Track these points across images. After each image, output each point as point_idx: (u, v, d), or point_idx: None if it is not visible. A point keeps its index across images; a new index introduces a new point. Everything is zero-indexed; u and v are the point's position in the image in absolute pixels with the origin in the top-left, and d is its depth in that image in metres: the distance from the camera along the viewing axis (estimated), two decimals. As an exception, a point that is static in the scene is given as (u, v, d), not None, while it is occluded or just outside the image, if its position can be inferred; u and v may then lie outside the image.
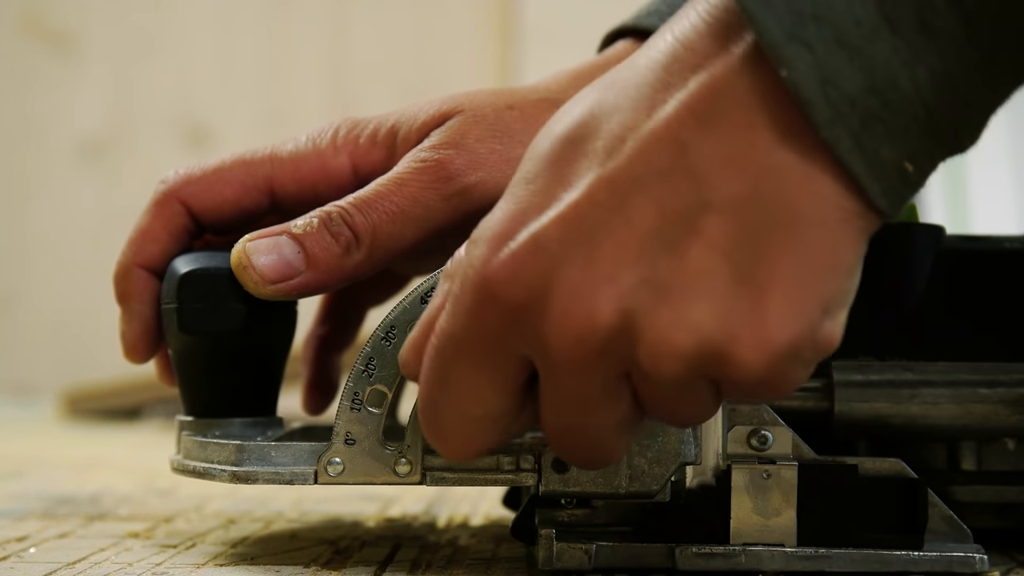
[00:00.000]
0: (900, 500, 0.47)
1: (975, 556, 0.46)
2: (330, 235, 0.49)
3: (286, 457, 0.47)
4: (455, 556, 0.51)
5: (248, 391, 0.51)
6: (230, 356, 0.50)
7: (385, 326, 0.46)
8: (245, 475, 0.48)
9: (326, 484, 0.47)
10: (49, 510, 0.64)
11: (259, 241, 0.49)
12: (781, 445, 0.47)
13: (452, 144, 0.51)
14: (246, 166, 0.53)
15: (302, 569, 0.48)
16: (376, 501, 0.68)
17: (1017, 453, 0.52)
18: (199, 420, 0.51)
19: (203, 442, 0.50)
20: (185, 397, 0.52)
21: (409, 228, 0.50)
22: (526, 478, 0.47)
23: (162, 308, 0.51)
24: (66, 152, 1.86)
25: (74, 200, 1.85)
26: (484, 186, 0.51)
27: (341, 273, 0.49)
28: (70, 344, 1.84)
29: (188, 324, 0.50)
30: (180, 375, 0.52)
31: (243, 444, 0.48)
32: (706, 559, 0.46)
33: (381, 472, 0.47)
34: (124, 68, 1.86)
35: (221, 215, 0.53)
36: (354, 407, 0.46)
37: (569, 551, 0.46)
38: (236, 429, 0.51)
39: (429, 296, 0.46)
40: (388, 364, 0.46)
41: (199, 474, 0.49)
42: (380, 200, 0.50)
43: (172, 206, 0.53)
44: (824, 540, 0.47)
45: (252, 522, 0.60)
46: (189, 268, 0.50)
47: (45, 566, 0.49)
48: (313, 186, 0.53)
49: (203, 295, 0.50)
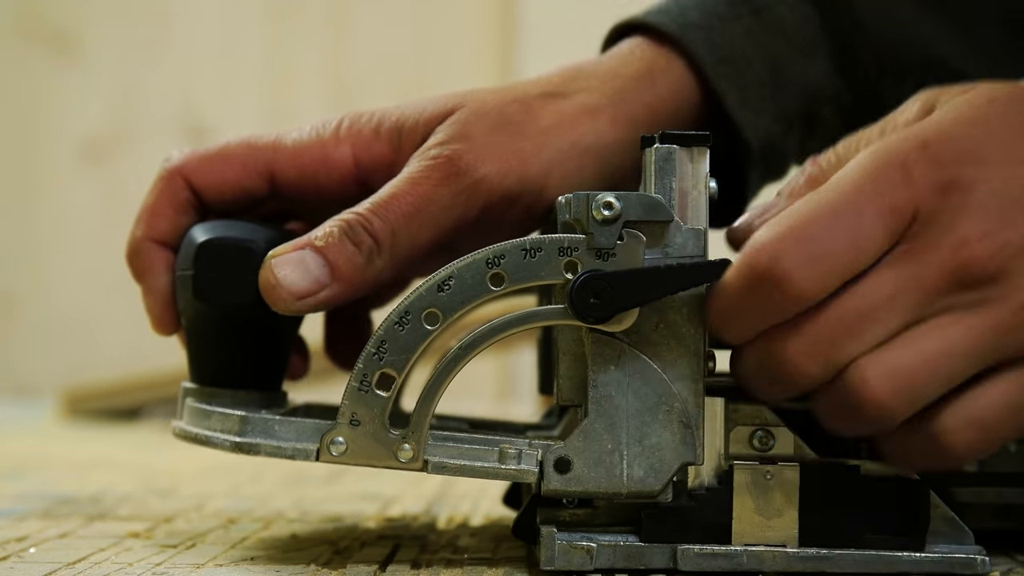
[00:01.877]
0: (902, 501, 0.47)
1: (977, 557, 0.46)
2: (352, 244, 0.49)
3: (289, 432, 0.47)
4: (455, 556, 0.51)
5: (255, 364, 0.52)
6: (241, 327, 0.51)
7: (400, 311, 0.46)
8: (247, 446, 0.48)
9: (327, 463, 0.47)
10: (49, 510, 0.64)
11: (284, 257, 0.49)
12: (783, 446, 0.47)
13: (460, 138, 0.51)
14: (249, 149, 0.53)
15: (302, 569, 0.48)
16: (376, 501, 0.68)
17: (1018, 455, 0.52)
18: (204, 388, 0.51)
19: (207, 410, 0.50)
20: (192, 364, 0.52)
21: (426, 227, 0.50)
22: (527, 475, 0.46)
23: (177, 274, 0.52)
24: (67, 153, 1.86)
25: (75, 201, 1.85)
26: (492, 180, 0.51)
27: (365, 281, 0.49)
28: (70, 344, 1.83)
29: (202, 292, 0.50)
30: (189, 342, 0.52)
31: (247, 415, 0.48)
32: (708, 559, 0.46)
33: (383, 456, 0.47)
34: (126, 69, 1.86)
35: (222, 195, 0.53)
36: (362, 388, 0.46)
37: (570, 551, 0.46)
38: (241, 400, 0.51)
39: (447, 284, 0.46)
40: (399, 348, 0.46)
41: (201, 441, 0.49)
42: (396, 202, 0.50)
43: (176, 182, 0.53)
44: (826, 541, 0.46)
45: (252, 522, 0.60)
46: (207, 237, 0.50)
47: (45, 566, 0.49)
48: (314, 175, 0.53)
49: (219, 265, 0.50)
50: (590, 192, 0.46)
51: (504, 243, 0.46)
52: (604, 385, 0.46)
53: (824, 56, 0.58)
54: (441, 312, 0.46)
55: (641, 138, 0.48)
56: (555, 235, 0.46)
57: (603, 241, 0.46)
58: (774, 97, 0.57)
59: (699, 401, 0.46)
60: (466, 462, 0.47)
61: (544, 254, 0.46)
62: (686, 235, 0.46)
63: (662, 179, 0.46)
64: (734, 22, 0.57)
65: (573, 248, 0.46)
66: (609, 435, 0.46)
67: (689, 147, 0.47)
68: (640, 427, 0.46)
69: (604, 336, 0.46)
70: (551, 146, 0.53)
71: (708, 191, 0.47)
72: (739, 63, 0.57)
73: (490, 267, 0.46)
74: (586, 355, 0.46)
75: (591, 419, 0.46)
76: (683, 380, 0.46)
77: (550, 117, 0.53)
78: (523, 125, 0.53)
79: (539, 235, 0.47)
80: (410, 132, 0.52)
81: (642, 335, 0.46)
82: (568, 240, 0.46)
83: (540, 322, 0.47)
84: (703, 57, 0.56)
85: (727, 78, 0.56)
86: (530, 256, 0.46)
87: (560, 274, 0.46)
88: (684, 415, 0.46)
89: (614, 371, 0.46)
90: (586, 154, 0.53)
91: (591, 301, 0.45)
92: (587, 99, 0.54)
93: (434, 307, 0.46)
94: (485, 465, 0.47)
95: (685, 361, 0.46)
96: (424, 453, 0.46)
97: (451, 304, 0.46)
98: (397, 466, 0.47)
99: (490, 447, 0.47)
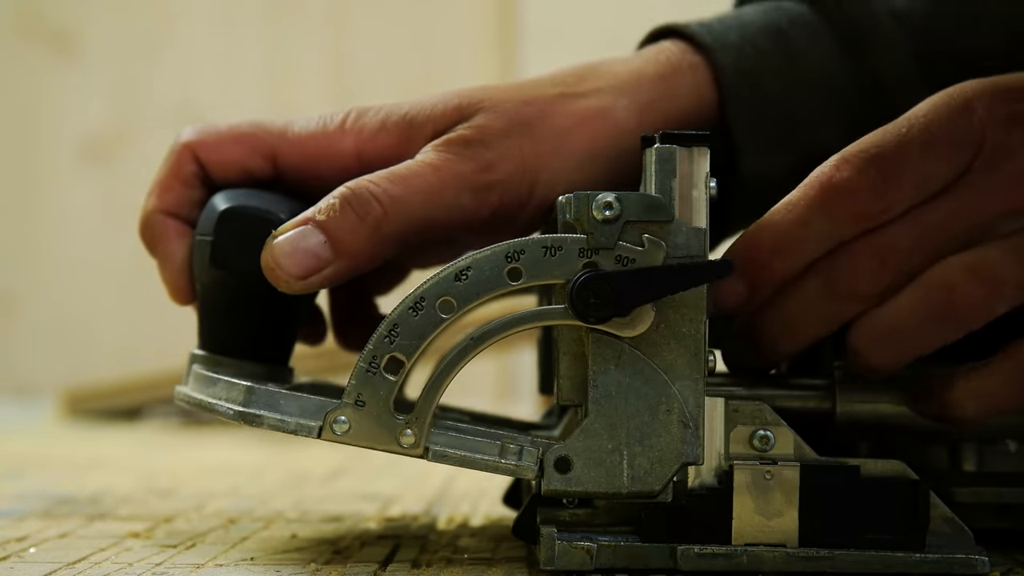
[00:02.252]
0: (902, 501, 0.47)
1: (976, 558, 0.46)
2: (355, 215, 0.49)
3: (294, 407, 0.47)
4: (455, 556, 0.51)
5: (265, 336, 0.52)
6: (253, 298, 0.51)
7: (415, 296, 0.46)
8: (251, 416, 0.48)
9: (328, 441, 0.47)
10: (49, 510, 0.64)
11: (284, 237, 0.49)
12: (783, 445, 0.47)
13: (481, 139, 0.51)
14: (257, 130, 0.54)
15: (302, 569, 0.48)
16: (376, 501, 0.68)
17: (1018, 454, 0.52)
18: (212, 356, 0.52)
19: (214, 378, 0.50)
20: (202, 331, 0.53)
21: (440, 213, 0.50)
22: (526, 471, 0.46)
23: (195, 239, 0.52)
24: (68, 152, 1.86)
25: (75, 200, 1.85)
26: (509, 183, 0.51)
27: (371, 254, 0.49)
28: (70, 344, 1.83)
29: (219, 259, 0.50)
30: (201, 309, 0.52)
31: (254, 387, 0.48)
32: (708, 559, 0.46)
33: (385, 439, 0.46)
34: (126, 68, 1.86)
35: (226, 173, 0.54)
36: (370, 370, 0.46)
37: (571, 551, 0.46)
38: (247, 371, 0.51)
39: (464, 273, 0.46)
40: (411, 334, 0.46)
41: (205, 407, 0.49)
42: (415, 178, 0.50)
43: (184, 155, 0.54)
44: (826, 541, 0.46)
45: (252, 522, 0.60)
46: (229, 205, 0.51)
47: (45, 566, 0.49)
48: (316, 163, 0.53)
49: (238, 233, 0.50)
50: (590, 192, 0.46)
51: (524, 238, 0.46)
52: (604, 385, 0.46)
53: (842, 120, 0.57)
54: (456, 301, 0.46)
55: (641, 138, 0.48)
56: (576, 235, 0.46)
57: (603, 241, 0.46)
58: (782, 142, 0.56)
59: (699, 401, 0.46)
60: (467, 453, 0.47)
61: (564, 253, 0.46)
62: (687, 235, 0.46)
63: (662, 179, 0.46)
64: (767, 56, 0.56)
65: (594, 250, 0.46)
66: (609, 435, 0.46)
67: (689, 147, 0.47)
68: (640, 427, 0.46)
69: (604, 336, 0.46)
70: (566, 149, 0.53)
71: (709, 191, 0.47)
72: (759, 93, 0.56)
73: (509, 261, 0.46)
74: (586, 355, 0.46)
75: (591, 419, 0.46)
76: (683, 380, 0.46)
77: (566, 119, 0.53)
78: (540, 128, 0.52)
79: (559, 234, 0.47)
80: (421, 125, 0.52)
81: (642, 335, 0.46)
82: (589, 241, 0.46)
83: (541, 322, 0.47)
84: (728, 78, 0.56)
85: (743, 103, 0.56)
86: (550, 254, 0.46)
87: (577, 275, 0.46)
88: (684, 415, 0.46)
89: (614, 371, 0.46)
90: (598, 158, 0.53)
91: (591, 301, 0.45)
92: (604, 101, 0.54)
93: (449, 296, 0.46)
94: (485, 458, 0.47)
95: (685, 361, 0.46)
96: (426, 440, 0.46)
97: (467, 294, 0.46)
98: (398, 451, 0.47)
99: (492, 440, 0.47)
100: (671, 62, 0.56)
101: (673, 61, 0.56)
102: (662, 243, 0.46)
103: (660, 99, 0.55)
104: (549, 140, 0.52)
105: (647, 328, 0.46)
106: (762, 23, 0.57)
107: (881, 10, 0.57)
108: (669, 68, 0.56)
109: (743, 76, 0.56)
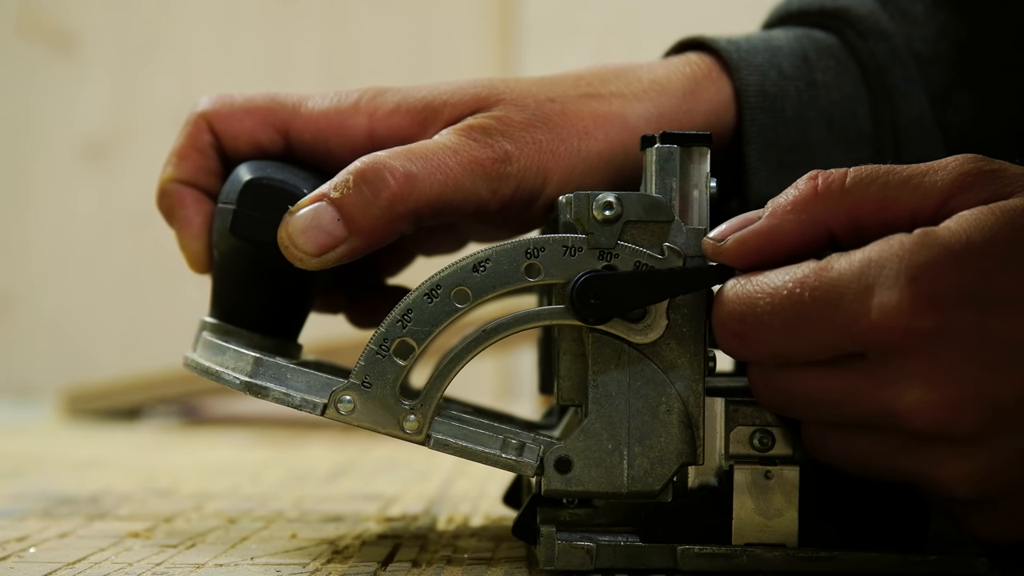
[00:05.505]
0: (902, 501, 0.47)
1: (976, 558, 0.46)
2: (369, 192, 0.49)
3: (300, 382, 0.47)
4: (455, 556, 0.51)
5: (277, 310, 0.52)
6: (270, 270, 0.51)
7: (431, 283, 0.46)
8: (257, 388, 0.48)
9: (332, 419, 0.47)
10: (49, 510, 0.64)
11: (299, 214, 0.49)
12: (783, 446, 0.47)
13: (502, 129, 0.51)
14: (271, 103, 0.54)
15: (302, 569, 0.48)
16: (376, 501, 0.68)
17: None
18: (223, 324, 0.52)
19: (223, 346, 0.50)
20: (215, 299, 0.53)
21: (455, 196, 0.50)
22: (526, 467, 0.47)
23: (218, 206, 0.52)
24: (67, 152, 1.86)
25: (74, 200, 1.85)
26: (524, 176, 0.51)
27: (385, 232, 0.49)
28: (70, 344, 1.83)
29: (239, 228, 0.51)
30: (216, 277, 0.53)
31: (262, 358, 0.48)
32: (708, 559, 0.46)
33: (388, 423, 0.47)
34: (125, 68, 1.86)
35: (237, 144, 0.54)
36: (380, 353, 0.46)
37: (571, 551, 0.46)
38: (256, 343, 0.51)
39: (482, 265, 0.46)
40: (424, 320, 0.46)
41: (212, 375, 0.50)
42: (432, 157, 0.50)
43: (199, 125, 0.54)
44: (826, 541, 0.46)
45: (252, 522, 0.60)
46: (254, 175, 0.51)
47: (45, 566, 0.49)
48: (326, 140, 0.53)
49: (261, 204, 0.50)
50: (590, 192, 0.46)
51: (545, 236, 0.46)
52: (604, 385, 0.46)
53: (855, 154, 0.57)
54: (471, 292, 0.46)
55: (641, 138, 0.48)
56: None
57: (603, 241, 0.46)
58: (793, 169, 0.56)
59: (699, 401, 0.46)
60: (468, 444, 0.47)
61: (584, 254, 0.46)
62: (687, 235, 0.46)
63: (663, 179, 0.46)
64: (790, 82, 0.56)
65: (614, 255, 0.46)
66: (609, 435, 0.46)
67: (690, 147, 0.47)
68: (640, 427, 0.46)
69: (604, 336, 0.46)
70: (583, 151, 0.52)
71: (709, 191, 0.47)
72: (777, 118, 0.56)
73: (528, 257, 0.46)
74: (586, 355, 0.46)
75: (591, 419, 0.46)
76: (683, 380, 0.46)
77: (586, 120, 0.53)
78: (560, 126, 0.52)
79: (579, 235, 0.47)
80: (438, 110, 0.52)
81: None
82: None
83: (542, 322, 0.47)
84: (749, 99, 0.55)
85: (759, 125, 0.56)
86: (569, 254, 0.46)
87: None
88: (684, 415, 0.46)
89: (614, 371, 0.46)
90: (610, 163, 0.53)
91: (591, 301, 0.45)
92: (624, 107, 0.53)
93: (465, 286, 0.46)
94: (486, 451, 0.47)
95: (685, 361, 0.46)
96: (429, 428, 0.47)
97: (483, 286, 0.46)
98: (400, 435, 0.47)
99: (494, 434, 0.47)
100: (695, 76, 0.56)
101: (697, 75, 0.56)
102: (681, 252, 0.46)
103: (679, 111, 0.54)
104: (568, 140, 0.52)
105: (660, 335, 0.46)
106: (789, 49, 0.57)
107: (903, 50, 0.57)
108: (692, 82, 0.55)
109: (764, 99, 0.56)
